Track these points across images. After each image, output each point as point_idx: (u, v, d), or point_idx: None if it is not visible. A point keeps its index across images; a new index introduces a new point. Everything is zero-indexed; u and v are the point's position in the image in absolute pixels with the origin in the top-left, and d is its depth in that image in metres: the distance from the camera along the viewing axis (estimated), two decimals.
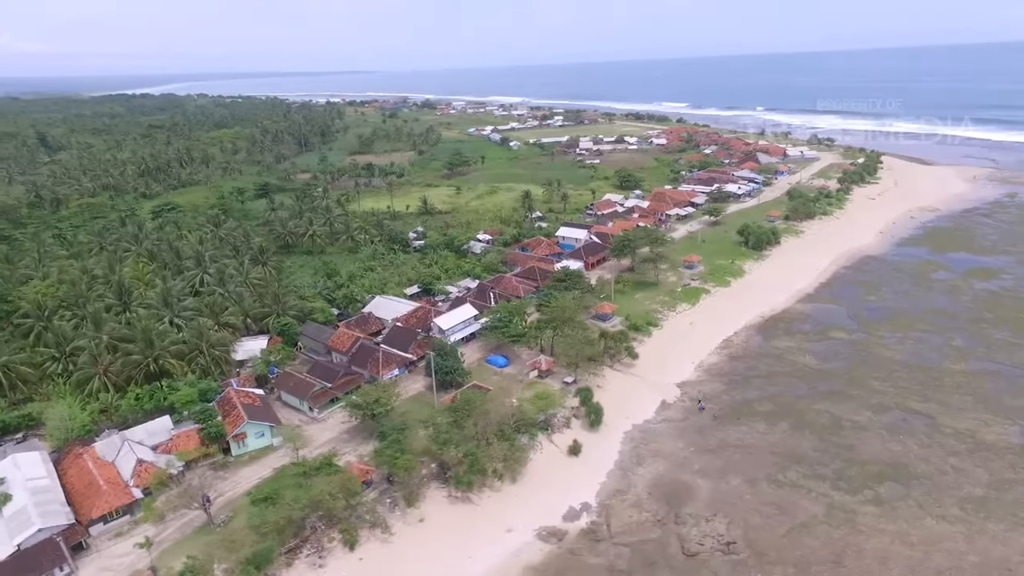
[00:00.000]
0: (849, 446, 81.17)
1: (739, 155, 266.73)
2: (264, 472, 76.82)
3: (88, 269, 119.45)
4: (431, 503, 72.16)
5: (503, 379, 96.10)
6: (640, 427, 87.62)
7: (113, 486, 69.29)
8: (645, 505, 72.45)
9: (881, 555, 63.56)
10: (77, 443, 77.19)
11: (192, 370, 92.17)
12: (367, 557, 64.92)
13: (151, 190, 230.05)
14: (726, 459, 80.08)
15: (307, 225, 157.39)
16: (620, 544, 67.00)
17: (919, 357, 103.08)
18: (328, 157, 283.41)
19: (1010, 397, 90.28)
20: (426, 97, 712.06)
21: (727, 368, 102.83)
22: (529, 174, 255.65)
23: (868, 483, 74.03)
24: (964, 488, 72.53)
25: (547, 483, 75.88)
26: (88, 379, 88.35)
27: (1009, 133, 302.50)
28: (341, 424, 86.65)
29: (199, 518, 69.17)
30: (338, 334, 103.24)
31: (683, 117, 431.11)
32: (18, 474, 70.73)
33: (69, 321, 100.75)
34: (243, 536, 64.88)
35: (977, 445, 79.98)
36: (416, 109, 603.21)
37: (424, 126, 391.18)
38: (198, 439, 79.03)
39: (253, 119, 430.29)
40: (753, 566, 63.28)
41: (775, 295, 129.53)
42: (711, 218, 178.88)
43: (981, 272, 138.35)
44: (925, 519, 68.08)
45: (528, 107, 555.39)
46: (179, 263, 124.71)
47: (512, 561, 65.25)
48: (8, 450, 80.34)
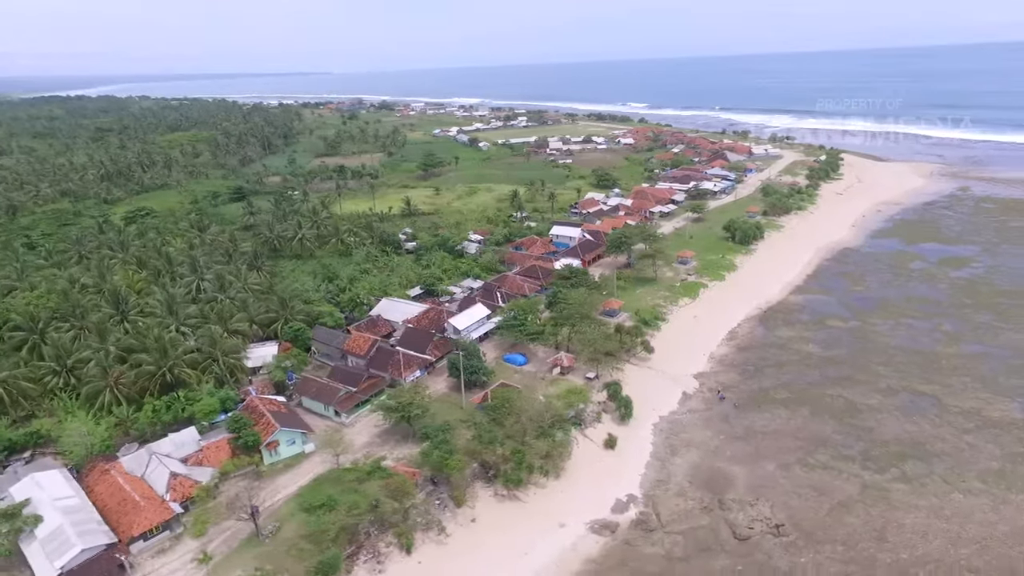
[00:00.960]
0: (868, 428, 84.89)
1: (707, 153, 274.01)
2: (302, 480, 74.94)
3: (75, 278, 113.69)
4: (478, 503, 71.92)
5: (524, 377, 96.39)
6: (667, 419, 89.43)
7: (150, 502, 66.39)
8: (689, 494, 74.10)
9: (920, 529, 66.85)
10: (100, 459, 73.61)
11: (207, 379, 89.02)
12: (425, 560, 64.30)
13: (112, 195, 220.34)
14: (755, 445, 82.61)
15: (295, 228, 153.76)
16: (673, 532, 68.39)
17: (914, 342, 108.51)
18: (296, 159, 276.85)
19: (1004, 377, 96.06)
20: (382, 99, 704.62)
21: (738, 359, 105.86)
22: (504, 174, 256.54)
23: (893, 462, 77.67)
24: (981, 462, 76.90)
25: (589, 477, 76.65)
26: (97, 392, 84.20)
27: (952, 131, 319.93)
28: (373, 428, 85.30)
29: (242, 530, 66.99)
30: (353, 337, 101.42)
31: (644, 117, 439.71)
32: (43, 494, 67.01)
33: (67, 332, 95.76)
34: (298, 546, 63.46)
35: (984, 422, 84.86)
36: (374, 111, 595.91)
37: (389, 127, 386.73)
38: (228, 449, 76.50)
39: (209, 122, 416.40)
40: (804, 546, 65.60)
41: (768, 287, 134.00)
42: (694, 214, 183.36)
43: (953, 261, 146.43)
44: (952, 493, 71.92)
45: (489, 108, 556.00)
46: (172, 270, 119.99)
47: (570, 555, 65.76)
48: (19, 470, 76.17)
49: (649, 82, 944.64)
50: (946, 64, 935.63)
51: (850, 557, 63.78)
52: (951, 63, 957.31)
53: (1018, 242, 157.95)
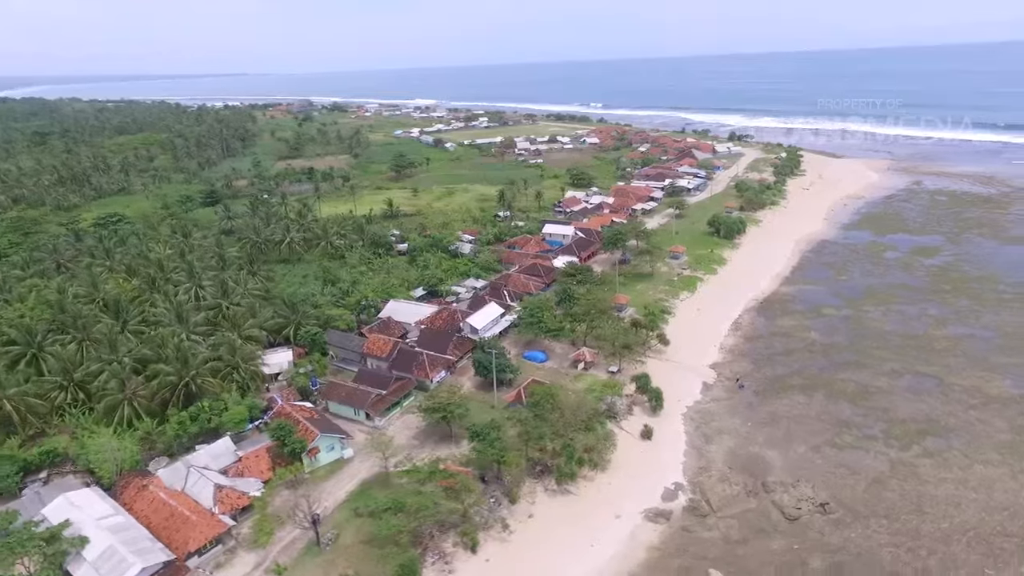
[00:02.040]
0: (883, 409, 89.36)
1: (674, 152, 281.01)
2: (348, 485, 73.62)
3: (63, 288, 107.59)
4: (531, 498, 72.15)
5: (548, 374, 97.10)
6: (694, 408, 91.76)
7: (201, 516, 63.83)
8: (731, 479, 76.33)
9: (953, 500, 70.97)
10: (134, 475, 70.27)
11: (228, 388, 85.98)
12: (492, 558, 64.16)
13: (69, 201, 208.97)
14: (783, 430, 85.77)
15: (283, 232, 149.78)
16: (726, 517, 70.38)
17: (906, 327, 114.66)
18: (261, 162, 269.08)
19: (993, 356, 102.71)
20: (333, 100, 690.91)
21: (747, 348, 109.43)
22: (477, 175, 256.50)
23: (914, 439, 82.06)
24: (992, 436, 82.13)
25: (633, 468, 77.94)
26: (115, 406, 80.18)
27: (897, 128, 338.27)
28: (407, 430, 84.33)
29: (299, 540, 65.34)
30: (372, 340, 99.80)
31: (603, 118, 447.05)
32: (82, 514, 63.50)
33: (70, 345, 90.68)
34: (362, 552, 62.37)
35: (986, 399, 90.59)
36: (326, 112, 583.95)
37: (349, 129, 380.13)
38: (268, 458, 74.25)
39: (158, 125, 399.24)
40: (851, 522, 68.65)
41: (760, 279, 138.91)
42: (675, 211, 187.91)
43: (923, 250, 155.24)
44: (974, 466, 76.58)
45: (446, 109, 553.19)
46: (166, 277, 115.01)
47: (632, 544, 66.82)
48: (41, 491, 71.83)
49: (599, 83, 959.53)
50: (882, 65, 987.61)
51: (895, 529, 67.19)
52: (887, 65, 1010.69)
53: (975, 231, 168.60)
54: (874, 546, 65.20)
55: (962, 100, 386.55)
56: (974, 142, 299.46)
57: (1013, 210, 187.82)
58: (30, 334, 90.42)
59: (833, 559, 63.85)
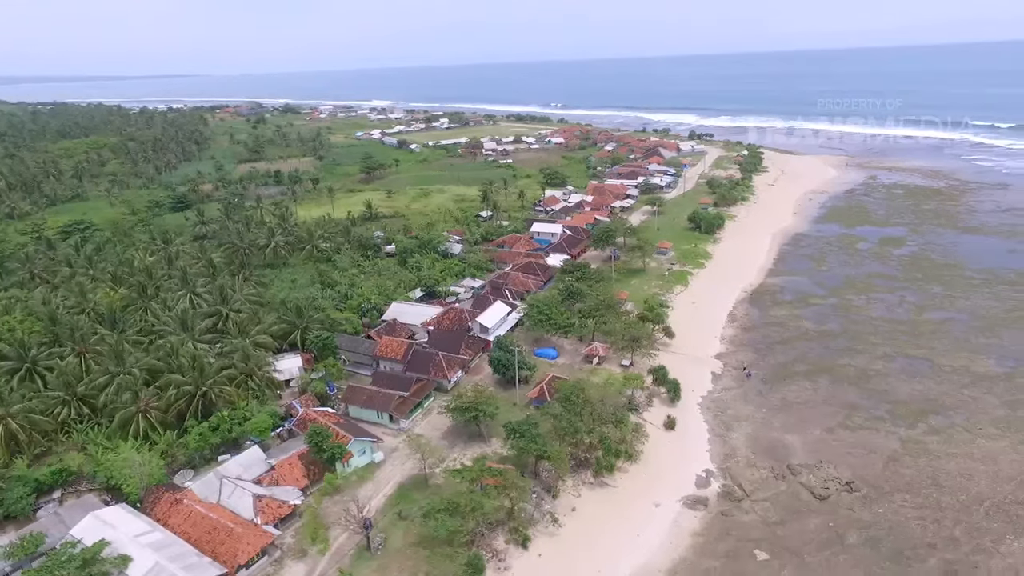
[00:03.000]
0: (884, 391, 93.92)
1: (640, 151, 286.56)
2: (384, 489, 72.71)
3: (48, 299, 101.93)
4: (572, 492, 72.83)
5: (563, 370, 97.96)
6: (708, 398, 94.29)
7: (245, 527, 61.89)
8: (758, 463, 78.91)
9: (965, 473, 75.33)
10: (164, 490, 67.47)
11: (244, 396, 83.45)
12: (544, 553, 64.50)
13: (19, 208, 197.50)
14: (796, 415, 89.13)
15: (268, 236, 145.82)
16: (759, 500, 72.72)
17: (890, 313, 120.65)
18: (224, 166, 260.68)
19: (973, 337, 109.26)
20: (285, 102, 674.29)
21: (746, 338, 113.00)
22: (448, 175, 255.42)
23: (918, 418, 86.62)
24: (988, 412, 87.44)
25: (662, 457, 79.56)
26: (129, 419, 76.72)
27: (845, 126, 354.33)
28: (432, 431, 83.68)
29: (345, 546, 64.16)
30: (384, 342, 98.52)
31: (564, 118, 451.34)
32: (117, 532, 60.60)
33: (66, 358, 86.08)
34: (415, 554, 61.84)
35: (975, 377, 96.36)
36: (278, 114, 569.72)
37: (309, 131, 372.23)
38: (301, 465, 72.50)
39: (103, 128, 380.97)
40: (876, 499, 72.02)
41: (746, 272, 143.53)
42: (652, 208, 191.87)
43: (891, 241, 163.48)
44: (977, 440, 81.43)
45: (404, 110, 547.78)
46: (157, 284, 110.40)
47: (676, 531, 68.34)
48: (60, 512, 68.15)
49: (550, 84, 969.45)
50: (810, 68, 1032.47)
51: (919, 503, 70.89)
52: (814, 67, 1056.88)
53: (935, 222, 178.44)
54: (902, 520, 68.65)
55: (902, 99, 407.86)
56: (917, 138, 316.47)
57: (963, 202, 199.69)
58: (23, 348, 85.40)
59: (868, 534, 66.91)
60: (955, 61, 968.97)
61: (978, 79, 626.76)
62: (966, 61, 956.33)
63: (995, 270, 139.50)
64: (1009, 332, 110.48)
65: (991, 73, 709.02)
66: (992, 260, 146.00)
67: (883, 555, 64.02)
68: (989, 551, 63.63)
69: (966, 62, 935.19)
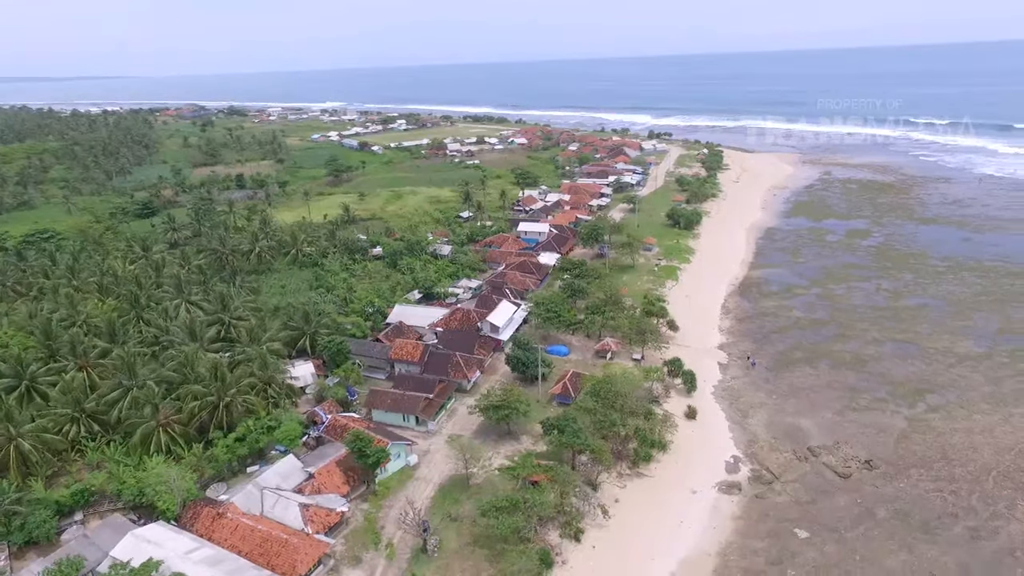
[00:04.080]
0: (881, 373, 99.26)
1: (604, 150, 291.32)
2: (427, 491, 72.16)
3: (35, 312, 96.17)
4: (612, 484, 74.14)
5: (577, 366, 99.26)
6: (719, 387, 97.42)
7: (300, 538, 60.41)
8: (780, 447, 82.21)
9: (968, 446, 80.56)
10: (202, 504, 65.13)
11: (264, 405, 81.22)
12: (598, 544, 65.57)
13: None
14: (806, 399, 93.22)
15: (251, 241, 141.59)
16: (788, 482, 75.85)
17: (870, 300, 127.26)
18: (181, 170, 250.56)
19: (950, 320, 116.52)
20: (230, 104, 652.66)
21: (743, 329, 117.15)
22: (418, 177, 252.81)
23: (916, 398, 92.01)
24: (977, 389, 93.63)
25: (689, 446, 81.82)
26: (149, 434, 73.55)
27: (795, 124, 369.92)
28: (460, 431, 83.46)
29: (399, 551, 63.45)
30: (399, 345, 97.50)
31: (522, 118, 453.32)
32: (162, 550, 58.23)
33: (68, 373, 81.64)
34: (473, 553, 61.92)
35: (959, 358, 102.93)
36: (224, 117, 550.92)
37: (266, 134, 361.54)
38: (339, 472, 71.20)
39: (37, 133, 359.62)
40: (895, 475, 76.25)
41: (729, 265, 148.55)
42: (628, 205, 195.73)
43: (857, 233, 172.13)
44: (973, 415, 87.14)
45: (357, 112, 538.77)
46: (148, 293, 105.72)
47: (717, 516, 70.60)
48: (89, 534, 64.75)
49: (501, 85, 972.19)
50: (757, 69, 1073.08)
51: (934, 476, 75.48)
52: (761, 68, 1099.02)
53: (893, 214, 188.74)
54: (922, 493, 72.98)
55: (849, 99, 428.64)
56: (861, 135, 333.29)
57: (914, 194, 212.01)
58: (21, 365, 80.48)
59: (895, 507, 70.83)
60: (900, 63, 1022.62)
61: (919, 79, 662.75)
62: (911, 63, 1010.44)
63: (955, 258, 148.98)
64: (979, 315, 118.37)
65: (933, 74, 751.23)
66: (951, 249, 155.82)
67: (913, 527, 67.98)
68: (1006, 516, 68.45)
69: (911, 63, 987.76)
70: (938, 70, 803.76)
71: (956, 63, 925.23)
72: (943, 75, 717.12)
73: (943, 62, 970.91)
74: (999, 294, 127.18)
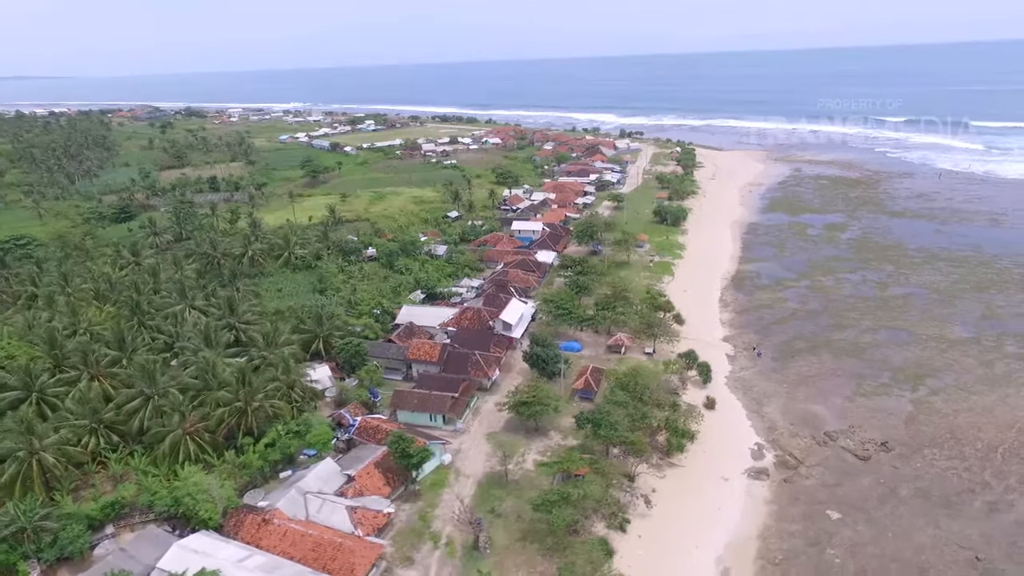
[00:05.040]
0: (881, 360, 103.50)
1: (580, 149, 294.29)
2: (467, 489, 72.10)
3: (32, 321, 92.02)
4: (654, 474, 75.40)
5: (593, 361, 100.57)
6: (731, 377, 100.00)
7: (354, 541, 59.79)
8: (799, 433, 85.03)
9: (973, 425, 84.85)
10: (244, 512, 63.80)
11: (289, 410, 79.84)
12: (644, 534, 66.77)
13: None
14: (815, 387, 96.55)
15: (245, 244, 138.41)
16: (812, 466, 78.58)
17: (858, 291, 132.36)
18: (151, 173, 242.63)
19: (935, 308, 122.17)
20: (186, 105, 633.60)
21: (742, 321, 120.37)
22: (399, 177, 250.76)
23: (917, 381, 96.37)
24: (971, 371, 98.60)
25: (713, 435, 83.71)
26: (177, 442, 71.52)
27: (757, 122, 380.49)
28: (488, 429, 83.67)
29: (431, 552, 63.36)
30: (416, 345, 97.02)
31: (492, 118, 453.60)
32: (214, 560, 56.84)
33: (79, 383, 78.59)
34: (526, 549, 62.44)
35: (950, 343, 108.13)
36: (181, 118, 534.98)
37: (233, 135, 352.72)
38: (378, 474, 70.61)
39: None
40: (910, 455, 79.80)
41: (720, 260, 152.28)
42: (613, 203, 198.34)
43: (834, 227, 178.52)
44: (972, 396, 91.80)
45: (322, 113, 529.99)
46: (148, 299, 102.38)
47: (752, 501, 72.70)
48: (127, 548, 62.65)
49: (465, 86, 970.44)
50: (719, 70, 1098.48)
51: (947, 455, 79.31)
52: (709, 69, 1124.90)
53: (865, 208, 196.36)
54: (939, 471, 76.63)
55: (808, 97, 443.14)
56: (824, 133, 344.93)
57: (882, 189, 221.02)
58: (30, 376, 77.09)
59: (915, 486, 74.20)
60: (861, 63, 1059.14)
61: (878, 79, 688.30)
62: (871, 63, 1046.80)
63: (930, 249, 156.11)
64: (961, 302, 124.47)
65: (892, 74, 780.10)
66: (924, 240, 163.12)
67: (935, 503, 71.39)
68: (1019, 490, 72.51)
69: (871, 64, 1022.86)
70: (897, 70, 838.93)
71: (914, 64, 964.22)
72: (902, 75, 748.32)
73: (902, 63, 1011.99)
74: (975, 282, 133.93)
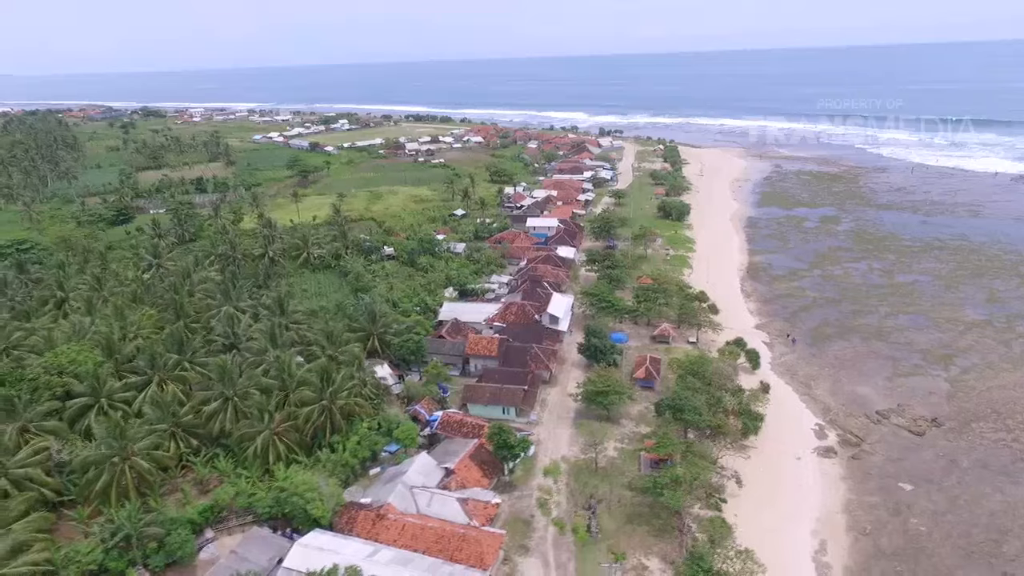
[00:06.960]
0: (907, 342, 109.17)
1: (566, 148, 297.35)
2: (562, 477, 73.19)
3: (79, 327, 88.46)
4: (739, 456, 77.94)
5: (642, 350, 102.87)
6: (775, 363, 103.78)
7: (477, 532, 60.27)
8: (853, 413, 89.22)
9: (1009, 400, 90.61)
10: (355, 508, 63.50)
11: (366, 408, 79.47)
12: (739, 512, 69.18)
13: None
14: (854, 369, 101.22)
15: (265, 245, 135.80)
16: (873, 443, 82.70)
17: (868, 279, 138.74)
18: (131, 175, 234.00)
19: (943, 294, 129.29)
20: (142, 104, 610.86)
21: (769, 310, 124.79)
22: (391, 177, 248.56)
23: (947, 362, 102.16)
24: (994, 350, 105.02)
25: (775, 417, 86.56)
26: (267, 443, 70.46)
27: (728, 120, 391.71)
28: (559, 419, 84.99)
29: (556, 536, 64.53)
30: (474, 340, 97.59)
31: (467, 117, 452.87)
32: (340, 556, 56.51)
33: (143, 389, 76.51)
34: (636, 532, 64.20)
35: (967, 325, 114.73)
36: (141, 118, 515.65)
37: (205, 135, 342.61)
38: (474, 466, 71.14)
39: None
40: (960, 429, 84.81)
41: (730, 253, 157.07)
42: (613, 200, 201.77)
43: (828, 219, 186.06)
44: (1000, 373, 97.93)
45: (290, 112, 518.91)
46: (187, 301, 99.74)
47: (828, 479, 76.12)
48: (239, 550, 61.53)
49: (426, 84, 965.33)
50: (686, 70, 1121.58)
51: (995, 427, 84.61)
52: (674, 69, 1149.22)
53: (852, 202, 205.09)
54: (990, 443, 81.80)
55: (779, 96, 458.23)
56: (794, 130, 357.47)
57: (863, 183, 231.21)
58: (97, 381, 74.55)
59: (973, 457, 79.05)
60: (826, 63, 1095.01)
61: (843, 79, 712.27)
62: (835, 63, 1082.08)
63: (923, 239, 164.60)
64: (966, 287, 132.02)
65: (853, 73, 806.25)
66: (915, 231, 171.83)
67: (995, 472, 76.25)
68: None
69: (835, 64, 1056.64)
70: (858, 70, 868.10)
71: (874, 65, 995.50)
72: (862, 75, 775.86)
73: (861, 63, 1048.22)
74: (973, 269, 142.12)
